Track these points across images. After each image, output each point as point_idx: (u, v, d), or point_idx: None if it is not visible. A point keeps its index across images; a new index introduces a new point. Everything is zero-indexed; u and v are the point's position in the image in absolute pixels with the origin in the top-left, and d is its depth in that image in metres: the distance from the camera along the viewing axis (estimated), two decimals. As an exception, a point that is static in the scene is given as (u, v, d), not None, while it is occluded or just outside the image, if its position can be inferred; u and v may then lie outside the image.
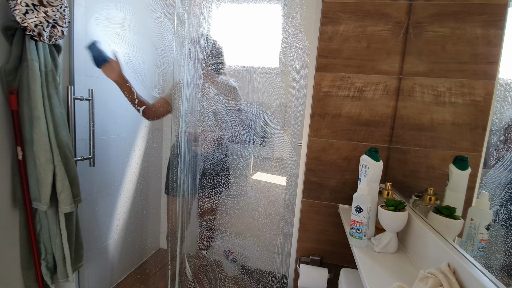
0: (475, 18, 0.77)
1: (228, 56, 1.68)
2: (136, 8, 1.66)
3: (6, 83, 1.07)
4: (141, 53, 1.74)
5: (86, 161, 1.42)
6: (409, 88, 1.06)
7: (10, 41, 1.06)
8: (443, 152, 0.86)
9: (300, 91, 1.52)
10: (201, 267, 1.70)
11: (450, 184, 0.76)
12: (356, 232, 0.87)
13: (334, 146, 1.18)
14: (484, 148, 0.66)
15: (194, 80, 1.56)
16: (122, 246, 1.80)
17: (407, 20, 1.07)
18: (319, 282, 1.17)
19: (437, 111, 0.89)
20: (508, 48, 0.64)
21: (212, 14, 1.66)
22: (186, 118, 1.58)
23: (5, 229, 1.15)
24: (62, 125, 1.18)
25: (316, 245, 1.26)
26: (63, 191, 1.16)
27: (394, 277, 0.74)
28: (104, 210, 1.64)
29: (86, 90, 1.38)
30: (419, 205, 0.89)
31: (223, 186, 1.64)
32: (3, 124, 1.10)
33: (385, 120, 1.13)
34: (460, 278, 0.59)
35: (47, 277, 1.24)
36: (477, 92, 0.73)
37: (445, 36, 0.90)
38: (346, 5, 1.10)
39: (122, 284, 1.77)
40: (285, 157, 1.64)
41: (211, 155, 1.59)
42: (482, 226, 0.62)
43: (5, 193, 1.13)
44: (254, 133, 1.71)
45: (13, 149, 1.14)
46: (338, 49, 1.13)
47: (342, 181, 1.20)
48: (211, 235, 1.73)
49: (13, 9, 1.00)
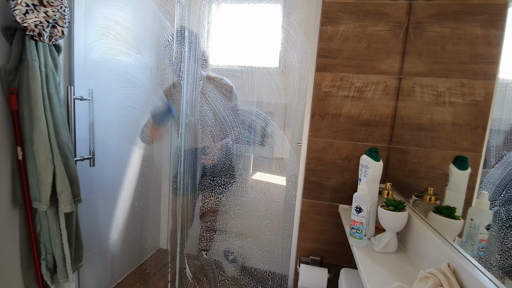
0: (475, 18, 0.77)
1: (228, 56, 1.68)
2: (136, 8, 1.66)
3: (6, 83, 1.07)
4: (141, 53, 1.73)
5: (86, 161, 1.42)
6: (409, 88, 1.06)
7: (10, 41, 1.06)
8: (443, 152, 0.85)
9: (300, 91, 1.52)
10: (201, 267, 1.70)
11: (450, 184, 0.76)
12: (356, 232, 0.87)
13: (334, 146, 1.18)
14: (484, 148, 0.66)
15: (194, 80, 1.56)
16: (122, 246, 1.80)
17: (407, 20, 1.07)
18: (319, 282, 1.17)
19: (437, 111, 0.89)
20: (508, 48, 0.64)
21: (212, 14, 1.67)
22: (186, 118, 1.58)
23: (5, 229, 1.15)
24: (62, 125, 1.18)
25: (316, 245, 1.26)
26: (63, 191, 1.16)
27: (394, 277, 0.74)
28: (104, 210, 1.64)
29: (86, 90, 1.38)
30: (419, 205, 0.89)
31: (229, 180, 1.67)
32: (3, 124, 1.10)
33: (385, 120, 1.13)
34: (460, 278, 0.59)
35: (47, 277, 1.24)
36: (477, 92, 0.73)
37: (445, 36, 0.90)
38: (346, 5, 1.10)
39: (122, 284, 1.77)
40: (285, 157, 1.64)
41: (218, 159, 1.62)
42: (482, 226, 0.62)
43: (5, 193, 1.13)
44: (254, 133, 1.71)
45: (13, 149, 1.14)
46: (338, 49, 1.13)
47: (342, 181, 1.20)
48: (211, 235, 1.73)
49: (13, 9, 1.00)
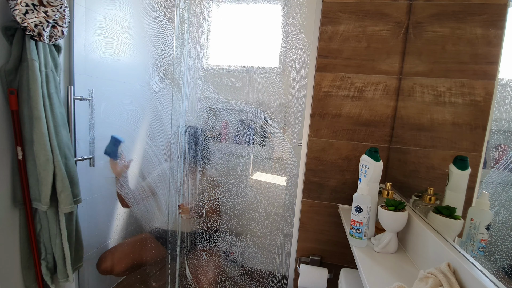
0: (475, 18, 0.77)
1: (228, 56, 1.68)
2: (136, 9, 1.66)
3: (6, 83, 1.07)
4: (141, 53, 1.73)
5: (86, 161, 1.42)
6: (409, 88, 1.06)
7: (10, 41, 1.06)
8: (443, 152, 0.85)
9: (300, 91, 1.52)
10: (200, 267, 1.69)
11: (450, 184, 0.76)
12: (356, 232, 0.87)
13: (334, 146, 1.18)
14: (484, 148, 0.66)
15: (194, 80, 1.56)
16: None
17: (407, 20, 1.07)
18: (319, 282, 1.17)
19: (437, 111, 0.89)
20: (508, 48, 0.64)
21: (212, 14, 1.67)
22: (186, 118, 1.58)
23: (5, 229, 1.15)
24: (62, 125, 1.18)
25: (316, 245, 1.26)
26: (63, 191, 1.16)
27: (394, 277, 0.74)
28: (104, 210, 1.64)
29: (86, 90, 1.38)
30: (419, 205, 0.89)
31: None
32: (3, 124, 1.10)
33: (385, 120, 1.13)
34: (460, 278, 0.59)
35: (47, 277, 1.24)
36: (477, 92, 0.73)
37: (445, 36, 0.90)
38: (346, 5, 1.10)
39: (122, 284, 1.77)
40: (285, 157, 1.64)
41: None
42: (482, 226, 0.62)
43: (5, 193, 1.13)
44: (254, 133, 1.71)
45: (13, 149, 1.14)
46: (338, 49, 1.13)
47: (342, 181, 1.20)
48: (211, 236, 1.73)
49: (13, 9, 1.00)
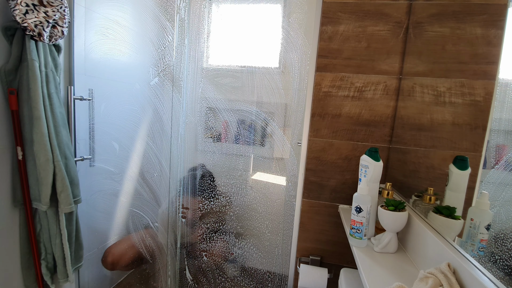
0: (475, 18, 0.77)
1: (228, 56, 1.68)
2: (136, 9, 1.66)
3: (6, 83, 1.07)
4: (141, 53, 1.73)
5: (86, 161, 1.41)
6: (409, 88, 1.06)
7: (10, 41, 1.06)
8: (443, 152, 0.85)
9: (300, 91, 1.52)
10: (200, 267, 1.69)
11: (450, 184, 0.76)
12: (356, 232, 0.87)
13: (334, 146, 1.18)
14: (484, 148, 0.66)
15: (194, 80, 1.56)
16: (122, 246, 1.80)
17: (407, 20, 1.07)
18: (319, 282, 1.17)
19: (437, 111, 0.89)
20: (508, 48, 0.64)
21: (212, 14, 1.67)
22: (186, 118, 1.58)
23: (5, 229, 1.14)
24: (62, 125, 1.18)
25: (316, 245, 1.26)
26: (63, 191, 1.16)
27: (394, 277, 0.74)
28: (104, 210, 1.64)
29: (86, 90, 1.38)
30: (419, 205, 0.89)
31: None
32: (3, 124, 1.10)
33: (385, 120, 1.13)
34: (460, 278, 0.59)
35: (47, 277, 1.24)
36: (477, 92, 0.73)
37: (445, 36, 0.90)
38: (346, 5, 1.10)
39: (122, 284, 1.77)
40: (285, 157, 1.64)
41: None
42: (482, 226, 0.62)
43: (5, 193, 1.13)
44: (254, 133, 1.71)
45: (13, 149, 1.14)
46: (338, 49, 1.13)
47: (342, 181, 1.20)
48: (211, 236, 1.73)
49: (13, 9, 1.00)
